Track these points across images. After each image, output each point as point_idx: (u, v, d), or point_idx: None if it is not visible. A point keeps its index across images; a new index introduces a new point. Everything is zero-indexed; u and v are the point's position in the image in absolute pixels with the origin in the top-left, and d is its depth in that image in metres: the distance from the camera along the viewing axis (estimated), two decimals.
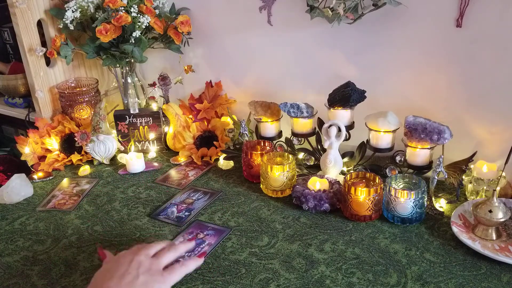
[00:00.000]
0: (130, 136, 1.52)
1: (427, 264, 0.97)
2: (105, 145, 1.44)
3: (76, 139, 1.43)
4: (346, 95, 1.23)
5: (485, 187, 1.15)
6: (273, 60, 1.46)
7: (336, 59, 1.35)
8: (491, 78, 1.17)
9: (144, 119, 1.50)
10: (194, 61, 1.61)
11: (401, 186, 1.13)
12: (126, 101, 1.62)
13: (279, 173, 1.21)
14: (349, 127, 1.29)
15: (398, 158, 1.27)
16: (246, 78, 1.55)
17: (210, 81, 1.60)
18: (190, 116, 1.55)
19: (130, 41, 1.40)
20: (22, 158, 1.47)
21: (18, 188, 1.29)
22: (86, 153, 1.47)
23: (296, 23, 1.35)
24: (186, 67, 1.57)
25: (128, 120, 1.50)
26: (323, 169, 1.28)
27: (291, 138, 1.38)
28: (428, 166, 1.21)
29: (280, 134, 1.42)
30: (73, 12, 1.40)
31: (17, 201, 1.28)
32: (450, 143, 1.17)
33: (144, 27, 1.40)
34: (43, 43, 1.52)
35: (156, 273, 0.83)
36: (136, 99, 1.56)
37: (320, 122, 1.32)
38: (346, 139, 1.28)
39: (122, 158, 1.48)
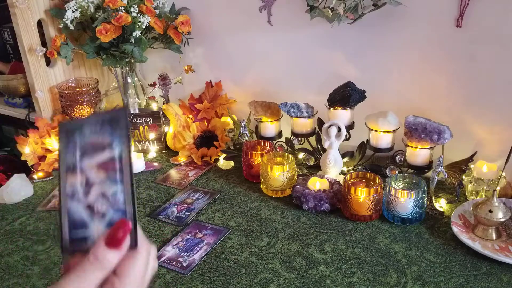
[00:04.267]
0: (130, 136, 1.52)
1: (427, 264, 0.97)
2: None
3: None
4: (346, 95, 1.23)
5: (485, 187, 1.15)
6: (273, 60, 1.46)
7: (336, 59, 1.35)
8: (491, 78, 1.17)
9: (144, 119, 1.50)
10: (194, 61, 1.61)
11: (401, 186, 1.13)
12: (126, 101, 1.62)
13: (279, 173, 1.21)
14: (349, 127, 1.29)
15: (398, 158, 1.27)
16: (246, 78, 1.55)
17: (210, 81, 1.60)
18: (190, 116, 1.55)
19: (130, 41, 1.40)
20: (22, 158, 1.47)
21: (18, 188, 1.29)
22: None
23: (296, 23, 1.35)
24: (186, 67, 1.57)
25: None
26: (323, 169, 1.28)
27: (291, 138, 1.38)
28: (428, 166, 1.21)
29: (280, 134, 1.42)
30: (73, 12, 1.40)
31: (17, 201, 1.28)
32: (450, 143, 1.17)
33: (144, 27, 1.40)
34: (43, 43, 1.52)
35: None
36: (136, 99, 1.56)
37: (320, 122, 1.32)
38: (346, 139, 1.28)
39: None
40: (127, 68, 1.56)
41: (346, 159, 1.32)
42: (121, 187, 0.46)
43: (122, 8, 1.37)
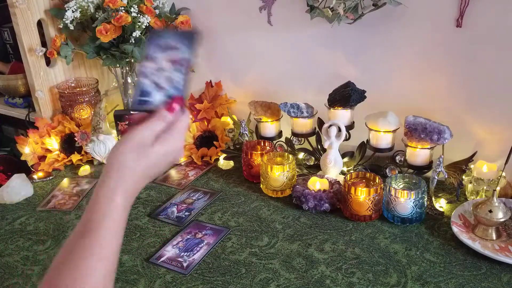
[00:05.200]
0: None
1: (427, 264, 0.97)
2: (105, 145, 1.44)
3: (76, 139, 1.43)
4: (346, 95, 1.23)
5: (485, 187, 1.15)
6: (273, 60, 1.46)
7: (336, 59, 1.35)
8: (491, 78, 1.17)
9: None
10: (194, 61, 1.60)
11: (401, 186, 1.13)
12: (126, 101, 1.62)
13: (279, 173, 1.21)
14: (349, 127, 1.29)
15: (398, 158, 1.27)
16: (246, 78, 1.55)
17: (210, 81, 1.60)
18: (190, 116, 1.55)
19: (130, 41, 1.40)
20: (22, 158, 1.47)
21: (18, 188, 1.29)
22: (86, 153, 1.47)
23: (296, 23, 1.35)
24: None
25: (128, 120, 1.50)
26: (323, 169, 1.28)
27: (291, 138, 1.38)
28: (428, 166, 1.21)
29: (280, 134, 1.42)
30: (73, 12, 1.40)
31: (17, 201, 1.28)
32: (450, 143, 1.17)
33: (144, 27, 1.40)
34: (43, 43, 1.52)
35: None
36: None
37: (320, 122, 1.32)
38: (346, 139, 1.28)
39: None
40: (127, 68, 1.56)
41: (346, 159, 1.32)
42: (182, 76, 0.68)
43: (122, 8, 1.37)
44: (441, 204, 1.16)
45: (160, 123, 0.65)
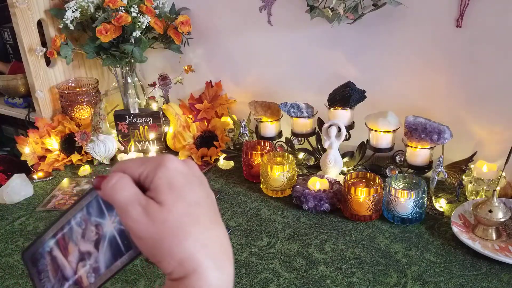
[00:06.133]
0: (130, 136, 1.52)
1: (427, 264, 0.97)
2: (105, 145, 1.44)
3: (76, 139, 1.43)
4: (346, 95, 1.23)
5: (485, 187, 1.15)
6: (273, 60, 1.46)
7: (336, 59, 1.35)
8: (491, 78, 1.17)
9: (144, 119, 1.50)
10: (194, 61, 1.60)
11: (401, 186, 1.13)
12: (126, 101, 1.62)
13: (279, 173, 1.21)
14: (349, 127, 1.29)
15: (398, 158, 1.27)
16: (246, 78, 1.55)
17: (210, 81, 1.60)
18: (190, 116, 1.55)
19: (130, 41, 1.40)
20: (22, 158, 1.46)
21: (18, 188, 1.29)
22: (86, 153, 1.47)
23: (296, 23, 1.35)
24: (186, 67, 1.57)
25: (128, 120, 1.50)
26: (323, 169, 1.28)
27: (291, 138, 1.38)
28: (428, 166, 1.21)
29: (280, 134, 1.42)
30: (73, 12, 1.40)
31: (17, 201, 1.28)
32: (450, 143, 1.17)
33: (144, 27, 1.40)
34: (43, 43, 1.52)
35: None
36: (136, 99, 1.56)
37: (320, 122, 1.32)
38: (346, 139, 1.28)
39: (122, 158, 1.48)
40: (127, 68, 1.56)
41: (346, 159, 1.32)
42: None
43: (122, 8, 1.37)
44: (441, 204, 1.16)
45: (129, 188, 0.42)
